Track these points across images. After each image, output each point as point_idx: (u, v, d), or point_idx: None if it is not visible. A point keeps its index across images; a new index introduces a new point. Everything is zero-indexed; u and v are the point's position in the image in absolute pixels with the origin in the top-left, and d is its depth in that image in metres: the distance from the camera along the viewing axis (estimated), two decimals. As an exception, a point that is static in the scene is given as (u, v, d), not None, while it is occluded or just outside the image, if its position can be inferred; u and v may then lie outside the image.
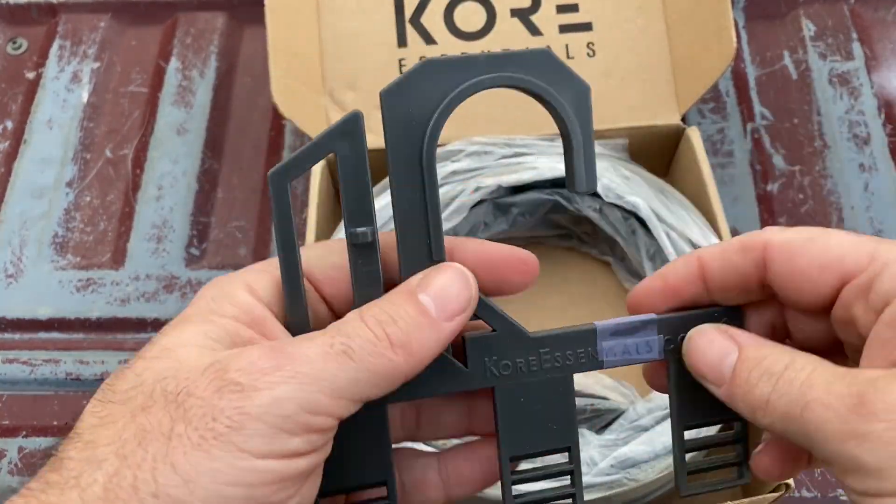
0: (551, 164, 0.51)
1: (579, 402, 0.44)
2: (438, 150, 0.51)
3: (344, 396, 0.22)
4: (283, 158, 0.64)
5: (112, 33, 0.71)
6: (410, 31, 0.56)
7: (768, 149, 0.64)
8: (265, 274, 0.26)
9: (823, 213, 0.61)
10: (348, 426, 0.24)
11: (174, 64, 0.69)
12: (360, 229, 0.25)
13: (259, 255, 0.60)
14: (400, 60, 0.55)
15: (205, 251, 0.61)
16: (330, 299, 0.26)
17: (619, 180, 0.50)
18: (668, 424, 0.43)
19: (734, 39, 0.50)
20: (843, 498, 0.49)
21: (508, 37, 0.56)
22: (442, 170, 0.51)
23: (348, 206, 0.26)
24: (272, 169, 0.25)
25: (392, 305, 0.24)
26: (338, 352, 0.22)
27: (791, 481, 0.42)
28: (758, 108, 0.65)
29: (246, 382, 0.21)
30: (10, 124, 0.67)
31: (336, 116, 0.55)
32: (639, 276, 0.53)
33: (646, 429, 0.43)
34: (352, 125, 0.26)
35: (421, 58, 0.55)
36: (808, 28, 0.69)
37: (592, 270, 0.56)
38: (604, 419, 0.45)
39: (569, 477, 0.28)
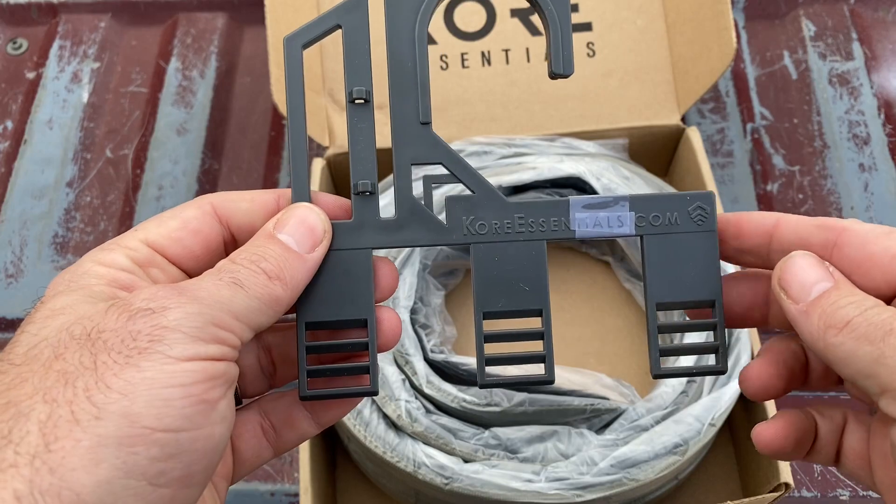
0: (551, 164, 0.51)
1: (580, 401, 0.44)
2: None
3: (241, 320, 0.24)
4: (283, 158, 0.64)
5: (112, 33, 0.71)
6: None
7: (768, 149, 0.64)
8: (113, 251, 0.26)
9: (823, 213, 0.61)
10: (336, 269, 0.27)
11: (174, 64, 0.69)
12: (358, 88, 0.30)
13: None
14: None
15: (205, 251, 0.61)
16: (179, 260, 0.28)
17: (618, 180, 0.50)
18: (668, 424, 0.43)
19: (734, 40, 0.50)
20: (843, 497, 0.49)
21: (508, 37, 0.56)
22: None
23: (349, 68, 0.30)
24: (287, 34, 0.28)
25: (259, 247, 0.26)
26: (228, 282, 0.25)
27: (791, 481, 0.42)
28: (757, 108, 0.65)
29: (155, 307, 0.23)
30: (10, 124, 0.67)
31: (335, 116, 0.55)
32: (638, 275, 0.53)
33: (645, 429, 0.43)
34: (356, 1, 0.30)
35: None
36: (808, 28, 0.69)
37: (592, 270, 0.56)
38: (603, 419, 0.45)
39: (540, 341, 0.28)
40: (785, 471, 0.42)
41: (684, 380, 0.45)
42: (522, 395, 0.43)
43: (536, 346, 0.28)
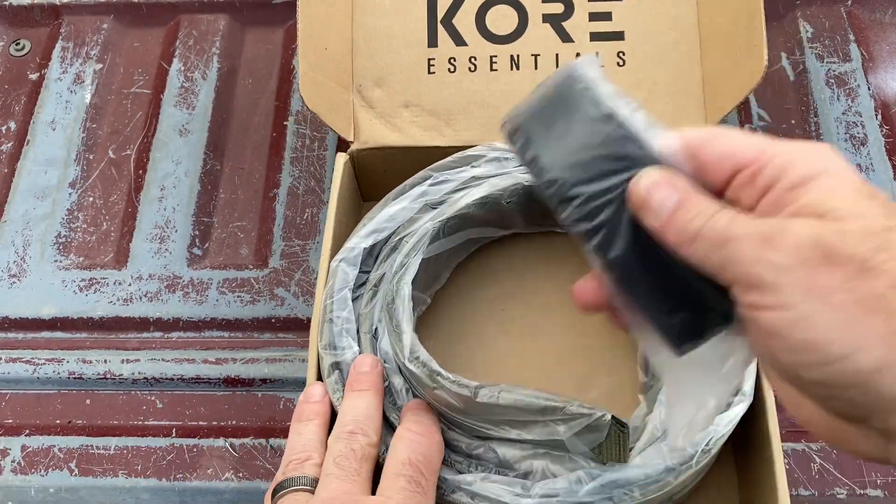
0: None
1: (558, 402, 0.42)
2: (457, 155, 0.52)
3: None
4: (284, 159, 0.65)
5: (115, 35, 0.72)
6: (441, 31, 0.56)
7: (766, 150, 0.64)
8: None
9: (821, 213, 0.61)
10: None
11: (176, 65, 0.70)
12: None
13: (261, 255, 0.60)
14: (429, 60, 0.56)
15: (207, 251, 0.61)
16: None
17: None
18: (658, 446, 0.42)
19: (765, 57, 0.49)
20: (840, 496, 0.50)
21: (539, 42, 0.56)
22: (462, 174, 0.51)
23: None
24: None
25: None
26: None
27: None
28: (755, 109, 0.66)
29: None
30: (13, 125, 0.67)
31: (363, 113, 0.55)
32: None
33: (639, 451, 0.42)
34: None
35: (450, 59, 0.56)
36: (806, 29, 0.69)
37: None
38: (584, 427, 0.42)
39: None
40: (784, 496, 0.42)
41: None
42: (499, 386, 0.42)
43: None
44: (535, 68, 0.56)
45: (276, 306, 0.58)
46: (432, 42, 0.56)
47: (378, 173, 0.56)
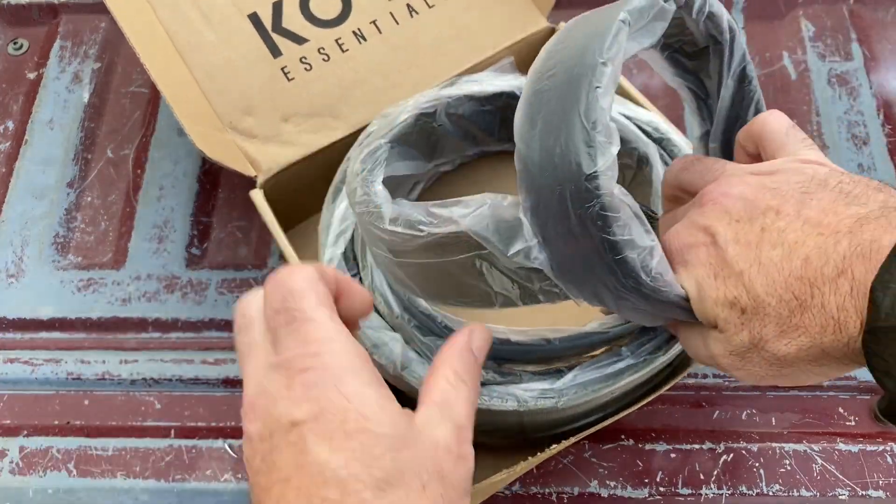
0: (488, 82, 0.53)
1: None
2: (361, 137, 0.49)
3: None
4: (283, 159, 0.64)
5: (113, 34, 0.71)
6: (278, 38, 0.56)
7: (767, 149, 0.64)
8: None
9: (822, 213, 0.61)
10: None
11: (175, 64, 0.69)
12: None
13: (260, 255, 0.60)
14: (283, 69, 0.55)
15: (205, 251, 0.61)
16: None
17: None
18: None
19: None
20: (842, 497, 0.49)
21: (368, 10, 0.58)
22: (372, 149, 0.48)
23: None
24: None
25: None
26: None
27: None
28: (757, 108, 0.65)
29: None
30: (11, 125, 0.67)
31: (246, 145, 0.54)
32: None
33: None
34: None
35: (301, 58, 0.56)
36: (808, 28, 0.69)
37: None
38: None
39: None
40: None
41: None
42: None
43: None
44: (380, 33, 0.58)
45: (276, 306, 0.58)
46: (275, 52, 0.56)
47: (289, 196, 0.55)
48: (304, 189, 0.55)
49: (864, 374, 0.54)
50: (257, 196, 0.52)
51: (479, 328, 0.34)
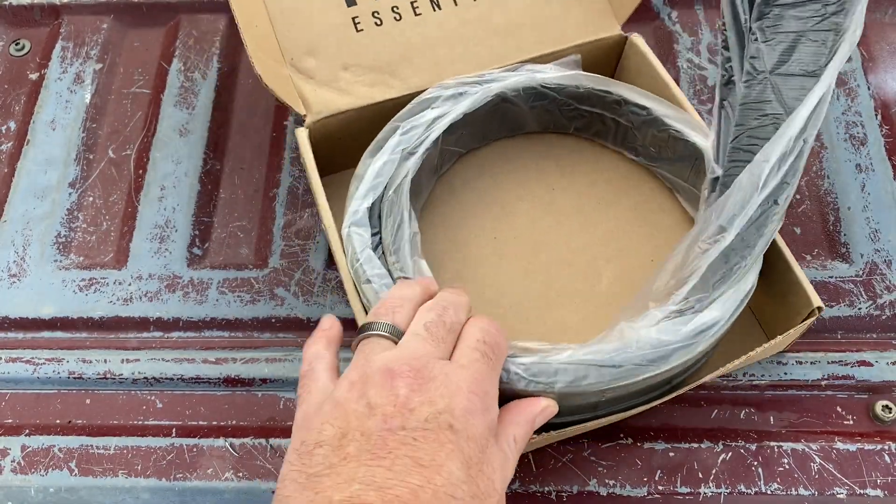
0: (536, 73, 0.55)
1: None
2: (415, 101, 0.53)
3: None
4: (284, 158, 0.65)
5: (115, 35, 0.72)
6: None
7: (766, 150, 0.64)
8: None
9: (820, 212, 0.61)
10: None
11: (176, 65, 0.70)
12: None
13: (261, 255, 0.60)
14: (353, 19, 0.57)
15: (207, 251, 0.61)
16: None
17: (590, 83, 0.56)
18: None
19: None
20: (841, 496, 0.50)
21: None
22: (425, 117, 0.52)
23: None
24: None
25: None
26: None
27: (821, 304, 0.47)
28: (755, 109, 0.66)
29: None
30: (13, 125, 0.67)
31: (302, 84, 0.55)
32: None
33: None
34: None
35: (374, 13, 0.57)
36: (806, 30, 0.69)
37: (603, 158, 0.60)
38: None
39: None
40: (813, 296, 0.47)
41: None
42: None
43: None
44: (456, 5, 0.58)
45: (276, 306, 0.58)
46: (350, 1, 0.57)
47: (332, 143, 0.56)
48: (347, 139, 0.56)
49: (862, 374, 0.54)
50: (302, 135, 0.53)
51: (553, 406, 0.41)
